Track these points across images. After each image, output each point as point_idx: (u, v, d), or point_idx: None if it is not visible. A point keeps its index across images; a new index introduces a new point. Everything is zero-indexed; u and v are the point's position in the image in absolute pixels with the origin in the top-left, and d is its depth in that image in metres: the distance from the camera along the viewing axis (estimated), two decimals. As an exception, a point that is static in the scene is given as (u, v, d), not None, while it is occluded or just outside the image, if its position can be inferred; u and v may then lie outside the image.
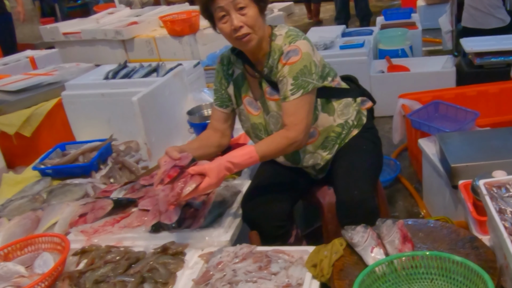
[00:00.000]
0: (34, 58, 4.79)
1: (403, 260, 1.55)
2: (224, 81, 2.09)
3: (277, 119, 1.98)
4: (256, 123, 2.06)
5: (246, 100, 2.06)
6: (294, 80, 1.85)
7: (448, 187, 2.37)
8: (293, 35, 1.90)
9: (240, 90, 2.06)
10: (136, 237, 1.98)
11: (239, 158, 1.82)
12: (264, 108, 2.02)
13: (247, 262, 1.71)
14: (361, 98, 2.17)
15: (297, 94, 1.85)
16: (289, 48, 1.87)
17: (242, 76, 2.05)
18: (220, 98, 2.12)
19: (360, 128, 2.13)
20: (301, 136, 1.88)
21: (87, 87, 3.09)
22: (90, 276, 1.74)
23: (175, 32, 6.01)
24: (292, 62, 1.85)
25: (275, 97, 1.96)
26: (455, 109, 2.84)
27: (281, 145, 1.87)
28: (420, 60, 4.49)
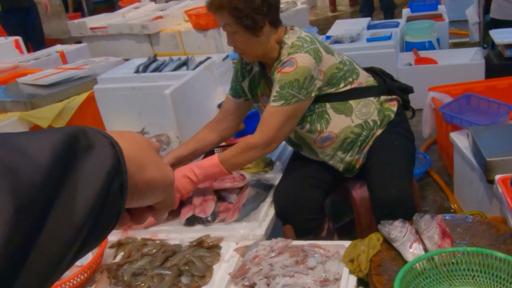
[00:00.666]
0: (64, 52, 4.88)
1: (444, 256, 1.54)
2: (240, 74, 2.12)
3: None
4: None
5: (263, 99, 2.08)
6: (280, 89, 1.85)
7: (482, 182, 2.34)
8: (297, 46, 1.87)
9: (257, 88, 2.08)
10: (171, 230, 2.00)
11: (202, 162, 1.90)
12: None
13: (284, 256, 1.72)
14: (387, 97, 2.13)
15: (277, 102, 1.85)
16: (286, 58, 1.86)
17: (259, 74, 2.06)
18: (234, 88, 2.16)
19: (385, 127, 2.09)
20: (263, 144, 1.88)
21: (118, 80, 3.12)
22: (128, 269, 1.76)
23: (200, 26, 6.03)
24: (284, 72, 1.85)
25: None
26: (487, 102, 2.79)
27: (241, 149, 1.89)
28: (447, 52, 4.42)
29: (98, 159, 0.45)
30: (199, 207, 1.99)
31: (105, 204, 0.46)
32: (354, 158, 2.08)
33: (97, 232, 0.46)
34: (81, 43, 5.57)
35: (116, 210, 0.48)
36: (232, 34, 1.85)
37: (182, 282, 1.69)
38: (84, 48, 5.00)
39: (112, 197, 0.47)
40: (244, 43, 1.86)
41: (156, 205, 0.61)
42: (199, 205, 2.00)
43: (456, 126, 2.73)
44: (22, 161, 0.39)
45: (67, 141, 0.43)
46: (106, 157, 0.46)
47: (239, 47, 1.88)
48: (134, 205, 0.57)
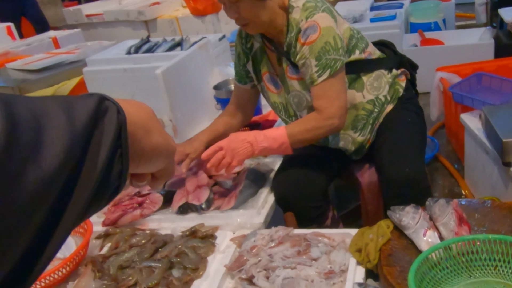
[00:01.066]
0: (57, 38, 4.74)
1: (462, 244, 1.38)
2: (243, 55, 1.94)
3: (300, 99, 1.82)
4: (276, 102, 1.91)
5: (266, 77, 1.90)
6: (318, 60, 1.67)
7: (496, 165, 2.19)
8: (311, 7, 1.70)
9: (260, 65, 1.91)
10: (162, 218, 1.85)
11: (267, 133, 1.72)
12: (284, 87, 1.86)
13: (284, 246, 1.56)
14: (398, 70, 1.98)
15: (324, 75, 1.68)
16: (306, 24, 1.68)
17: (261, 50, 1.89)
18: (239, 74, 1.99)
19: (395, 102, 1.95)
20: (334, 119, 1.71)
21: (109, 62, 2.95)
22: (115, 261, 1.61)
23: (197, 11, 5.89)
24: (311, 41, 1.67)
25: (298, 76, 1.79)
26: (500, 81, 2.63)
27: (313, 127, 1.73)
28: (454, 33, 4.26)
29: (110, 123, 0.51)
30: (192, 194, 1.83)
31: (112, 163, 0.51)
32: (366, 138, 1.92)
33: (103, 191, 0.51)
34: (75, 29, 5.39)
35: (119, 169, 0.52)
36: (235, 3, 1.67)
37: (173, 275, 1.54)
38: (78, 34, 4.84)
39: (116, 157, 0.51)
40: (249, 11, 1.67)
41: (157, 173, 0.66)
42: (193, 191, 1.85)
43: (467, 107, 2.57)
44: (72, 112, 0.47)
45: (97, 105, 0.50)
46: (113, 122, 0.51)
47: (244, 16, 1.69)
48: (141, 170, 0.62)
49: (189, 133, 2.47)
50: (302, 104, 1.83)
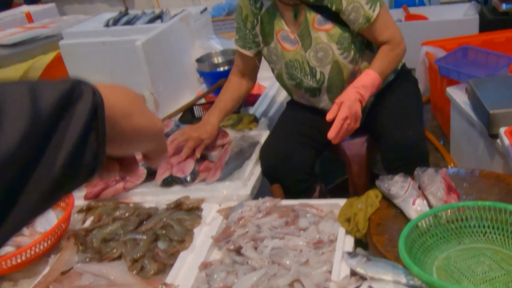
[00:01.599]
0: (31, 13, 4.57)
1: (451, 212, 1.37)
2: (251, 17, 1.87)
3: (326, 52, 1.78)
4: (292, 60, 1.84)
5: (280, 35, 1.83)
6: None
7: (482, 137, 2.18)
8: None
9: (273, 24, 1.84)
10: (146, 192, 1.81)
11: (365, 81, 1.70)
12: (304, 42, 1.80)
13: (272, 217, 1.53)
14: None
15: (377, 8, 1.72)
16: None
17: (273, 8, 1.82)
18: (243, 38, 1.91)
19: (396, 73, 1.95)
20: (403, 41, 1.80)
21: (86, 35, 2.86)
22: (98, 234, 1.57)
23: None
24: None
25: (327, 27, 1.76)
26: (486, 54, 2.62)
27: (392, 57, 1.78)
28: (439, 8, 4.23)
29: (85, 105, 0.51)
30: (176, 166, 1.79)
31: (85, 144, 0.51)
32: (368, 102, 1.90)
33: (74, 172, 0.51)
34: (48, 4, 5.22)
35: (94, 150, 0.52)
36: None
37: (158, 247, 1.50)
38: (52, 9, 4.67)
39: (89, 139, 0.51)
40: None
41: (148, 153, 0.67)
42: (177, 164, 1.80)
43: (453, 81, 2.56)
44: (38, 96, 0.47)
45: (69, 89, 0.50)
46: (87, 104, 0.51)
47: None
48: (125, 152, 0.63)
49: (171, 106, 2.43)
50: (327, 58, 1.79)
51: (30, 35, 3.37)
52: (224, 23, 4.07)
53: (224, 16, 4.21)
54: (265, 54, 1.92)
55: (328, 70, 1.80)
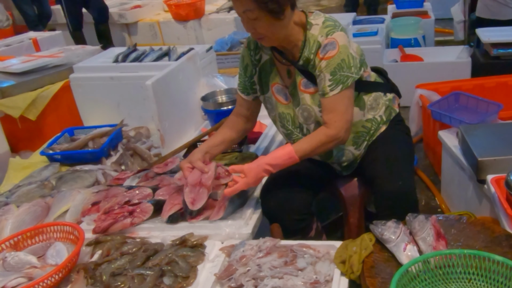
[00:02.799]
0: (37, 39, 4.70)
1: (440, 258, 1.48)
2: (250, 66, 2.00)
3: (309, 113, 1.89)
4: (284, 113, 1.97)
5: (275, 88, 1.96)
6: (332, 75, 1.76)
7: (471, 181, 2.29)
8: (331, 25, 1.79)
9: (269, 77, 1.97)
10: (152, 227, 1.90)
11: (279, 159, 1.80)
12: (294, 100, 1.93)
13: (272, 257, 1.63)
14: (391, 94, 2.09)
15: (336, 89, 1.77)
16: (326, 41, 1.77)
17: (270, 62, 1.95)
18: (243, 84, 2.04)
19: (388, 123, 2.05)
20: (341, 133, 1.80)
21: (96, 69, 2.99)
22: (107, 268, 1.66)
23: (179, 17, 5.92)
24: (329, 57, 1.76)
25: (311, 90, 1.87)
26: (476, 101, 2.75)
27: (322, 143, 1.81)
28: (433, 50, 4.39)
29: None
30: (190, 196, 1.88)
31: None
32: (360, 153, 2.02)
33: None
34: (55, 31, 5.36)
35: None
36: (253, 20, 1.73)
37: (164, 283, 1.60)
38: (59, 36, 4.80)
39: None
40: (266, 28, 1.75)
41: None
42: (190, 193, 1.89)
43: (445, 125, 2.68)
44: None
45: None
46: None
47: (260, 32, 1.76)
48: None
49: (176, 142, 2.53)
50: (311, 118, 1.90)
51: (39, 64, 3.46)
52: (226, 57, 4.21)
53: (226, 51, 4.35)
54: (262, 101, 2.05)
55: (312, 128, 1.93)
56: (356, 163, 2.05)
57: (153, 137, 2.76)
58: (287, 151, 1.79)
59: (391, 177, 1.83)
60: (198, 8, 5.89)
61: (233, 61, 4.16)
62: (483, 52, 3.78)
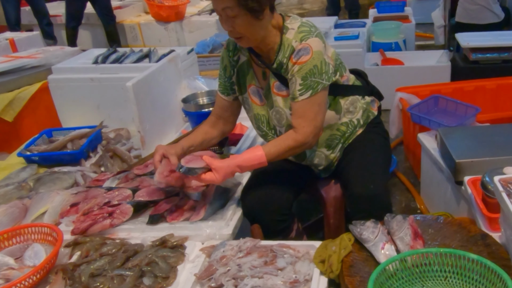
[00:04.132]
0: (14, 40, 4.61)
1: (416, 257, 1.50)
2: (229, 68, 2.01)
3: (281, 116, 1.90)
4: (259, 114, 1.98)
5: (251, 89, 1.98)
6: (303, 80, 1.77)
7: (450, 183, 2.33)
8: (305, 31, 1.79)
9: (245, 78, 1.98)
10: (132, 228, 1.89)
11: (248, 162, 1.80)
12: (268, 102, 1.94)
13: (252, 257, 1.64)
14: (370, 97, 2.10)
15: (305, 94, 1.78)
16: (300, 46, 1.77)
17: (247, 63, 1.96)
18: (223, 85, 2.05)
19: (365, 127, 2.06)
20: (309, 138, 1.82)
21: (75, 71, 2.97)
22: (86, 269, 1.64)
23: (161, 18, 5.89)
24: (302, 62, 1.76)
25: (283, 93, 1.88)
26: (455, 104, 2.80)
27: (290, 147, 1.82)
28: (414, 54, 4.46)
29: None
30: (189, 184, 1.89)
31: None
32: (335, 156, 2.03)
33: None
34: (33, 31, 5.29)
35: None
36: (232, 18, 1.72)
37: (144, 283, 1.59)
38: (37, 37, 4.73)
39: None
40: (245, 27, 1.74)
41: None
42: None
43: (424, 127, 2.72)
44: None
45: None
46: None
47: (239, 31, 1.76)
48: None
49: (156, 144, 2.49)
50: (282, 121, 1.92)
51: (17, 65, 3.40)
52: (208, 59, 4.21)
53: (208, 53, 4.35)
54: (241, 101, 2.06)
55: (284, 131, 1.94)
56: (333, 166, 2.06)
57: (133, 138, 2.74)
58: (258, 156, 1.79)
59: (363, 180, 1.85)
60: (179, 12, 5.89)
61: (215, 63, 4.15)
62: (463, 57, 3.85)
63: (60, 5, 6.52)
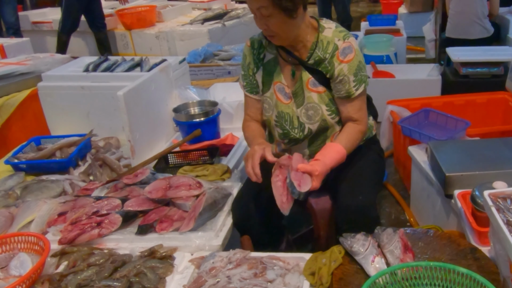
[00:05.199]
0: (4, 46, 4.58)
1: (406, 270, 1.49)
2: (253, 65, 2.02)
3: (316, 111, 1.94)
4: (284, 112, 1.98)
5: (277, 87, 1.99)
6: (355, 76, 1.87)
7: (439, 196, 2.33)
8: (344, 31, 1.90)
9: (272, 75, 1.99)
10: (121, 238, 1.87)
11: (335, 160, 1.85)
12: (297, 99, 1.96)
13: (242, 268, 1.63)
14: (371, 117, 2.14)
15: (360, 88, 1.90)
16: (344, 44, 1.85)
17: (275, 61, 1.98)
18: (250, 84, 2.05)
19: (363, 142, 2.08)
20: (366, 127, 1.98)
21: (66, 78, 2.95)
22: (73, 280, 1.62)
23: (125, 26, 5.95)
24: (349, 60, 1.86)
25: (319, 89, 1.92)
26: (446, 118, 2.81)
27: (359, 140, 1.95)
28: (405, 67, 4.49)
29: None
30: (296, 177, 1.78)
31: None
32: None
33: None
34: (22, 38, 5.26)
35: None
36: (266, 17, 1.77)
37: (131, 295, 1.57)
38: (26, 43, 4.69)
39: None
40: (279, 26, 1.79)
41: None
42: (295, 175, 1.79)
43: (414, 140, 2.72)
44: None
45: None
46: None
47: (273, 30, 1.80)
48: None
49: (146, 153, 2.51)
50: (316, 117, 1.94)
51: (5, 71, 3.39)
52: (199, 69, 4.20)
53: (199, 63, 4.34)
54: (261, 100, 2.05)
55: (316, 127, 1.97)
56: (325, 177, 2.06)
57: (123, 147, 2.72)
58: (340, 152, 1.86)
59: (352, 192, 1.87)
60: (141, 19, 5.91)
61: (206, 73, 4.15)
62: (453, 71, 3.89)
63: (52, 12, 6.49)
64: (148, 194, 1.99)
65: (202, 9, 6.66)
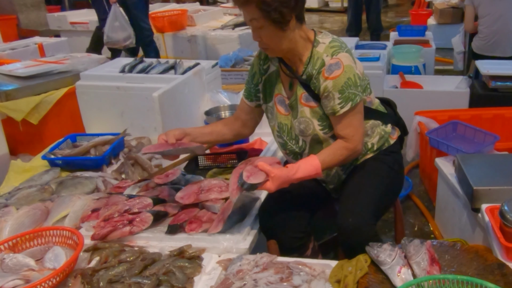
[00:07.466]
0: (43, 45, 4.75)
1: (433, 283, 1.50)
2: (258, 75, 2.06)
3: (308, 126, 1.93)
4: (282, 123, 2.02)
5: (278, 98, 2.02)
6: (341, 93, 1.82)
7: (465, 209, 2.33)
8: (336, 46, 1.85)
9: (273, 87, 2.02)
10: (151, 237, 1.92)
11: (305, 172, 1.82)
12: (293, 112, 1.98)
13: (268, 273, 1.66)
14: (391, 126, 2.10)
15: (346, 107, 1.83)
16: (331, 61, 1.82)
17: (276, 73, 2.01)
18: (248, 90, 2.12)
19: (376, 152, 2.05)
20: (359, 145, 1.90)
21: (102, 78, 3.03)
22: (104, 275, 1.67)
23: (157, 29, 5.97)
24: (335, 76, 1.81)
25: (311, 104, 1.91)
26: (474, 131, 2.81)
27: (344, 156, 1.89)
28: (433, 78, 4.46)
29: None
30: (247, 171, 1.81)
31: None
32: (344, 176, 2.05)
33: None
34: (60, 37, 5.41)
35: None
36: (258, 29, 1.80)
37: (161, 292, 1.61)
38: (64, 43, 4.87)
39: None
40: (270, 38, 1.81)
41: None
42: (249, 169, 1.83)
43: (441, 152, 2.73)
44: None
45: None
46: None
47: (264, 42, 1.84)
48: None
49: (177, 154, 2.56)
50: (308, 131, 1.95)
51: (44, 69, 3.50)
52: (230, 74, 4.25)
53: (230, 67, 4.40)
54: (264, 110, 2.11)
55: (308, 140, 1.97)
56: (338, 192, 2.09)
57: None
58: (314, 166, 1.83)
59: (345, 213, 1.84)
60: (173, 22, 5.98)
61: (237, 77, 4.20)
62: (482, 84, 3.85)
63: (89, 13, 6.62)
64: (180, 199, 2.03)
65: (233, 15, 6.73)
